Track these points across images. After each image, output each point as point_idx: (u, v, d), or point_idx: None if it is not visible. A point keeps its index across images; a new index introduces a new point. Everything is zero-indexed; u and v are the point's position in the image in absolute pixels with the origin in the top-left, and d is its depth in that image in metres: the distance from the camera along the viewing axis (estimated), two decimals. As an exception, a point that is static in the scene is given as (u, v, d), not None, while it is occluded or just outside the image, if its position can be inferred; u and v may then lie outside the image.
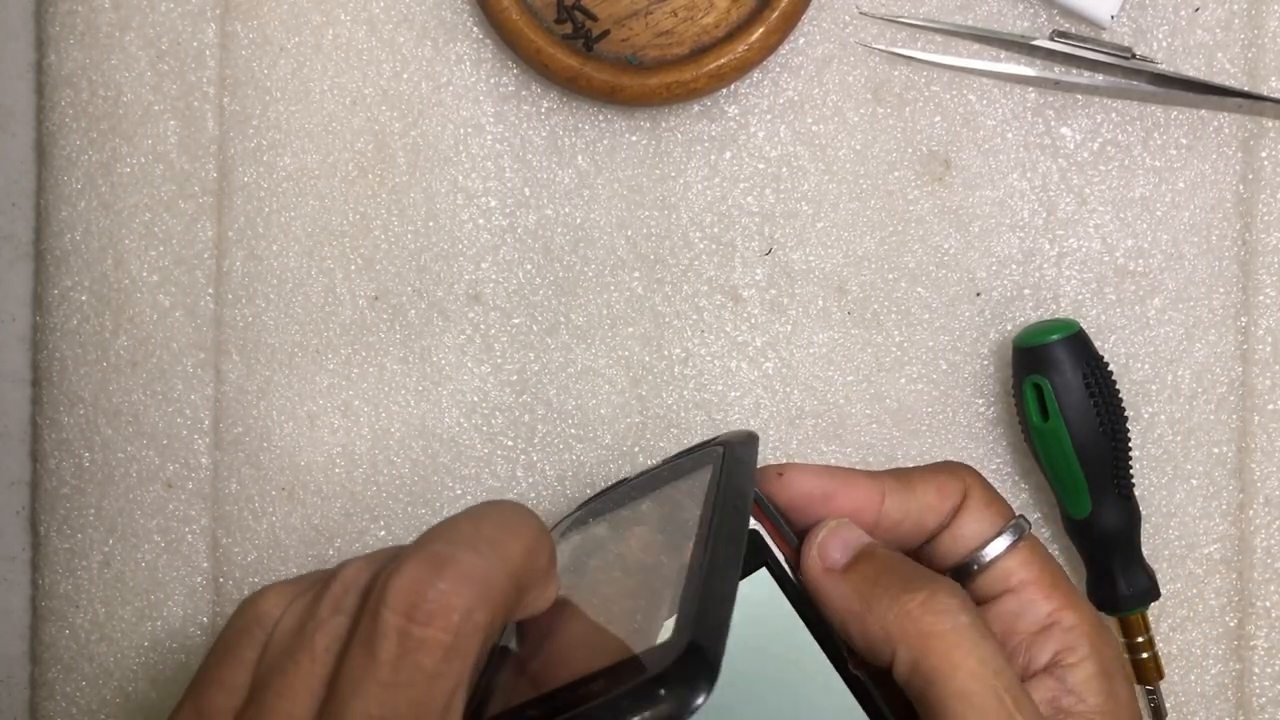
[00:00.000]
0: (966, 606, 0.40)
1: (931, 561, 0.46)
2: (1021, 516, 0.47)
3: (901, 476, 0.46)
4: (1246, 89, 0.57)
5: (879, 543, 0.44)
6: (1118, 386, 0.55)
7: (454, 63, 0.58)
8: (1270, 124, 0.57)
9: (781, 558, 0.44)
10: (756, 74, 0.57)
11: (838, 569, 0.42)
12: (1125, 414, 0.55)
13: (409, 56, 0.58)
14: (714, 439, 0.47)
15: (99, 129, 0.58)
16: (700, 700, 0.33)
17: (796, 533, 0.45)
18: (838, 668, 0.43)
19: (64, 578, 0.59)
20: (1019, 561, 0.45)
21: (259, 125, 0.58)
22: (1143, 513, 0.56)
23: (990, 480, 0.58)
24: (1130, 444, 0.55)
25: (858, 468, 0.47)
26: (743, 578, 0.43)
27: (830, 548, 0.43)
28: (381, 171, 0.58)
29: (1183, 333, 0.58)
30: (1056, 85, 0.57)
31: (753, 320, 0.58)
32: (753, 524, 0.44)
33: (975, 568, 0.46)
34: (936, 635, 0.39)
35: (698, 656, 0.34)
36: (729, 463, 0.44)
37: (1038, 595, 0.45)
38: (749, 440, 0.46)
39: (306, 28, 0.58)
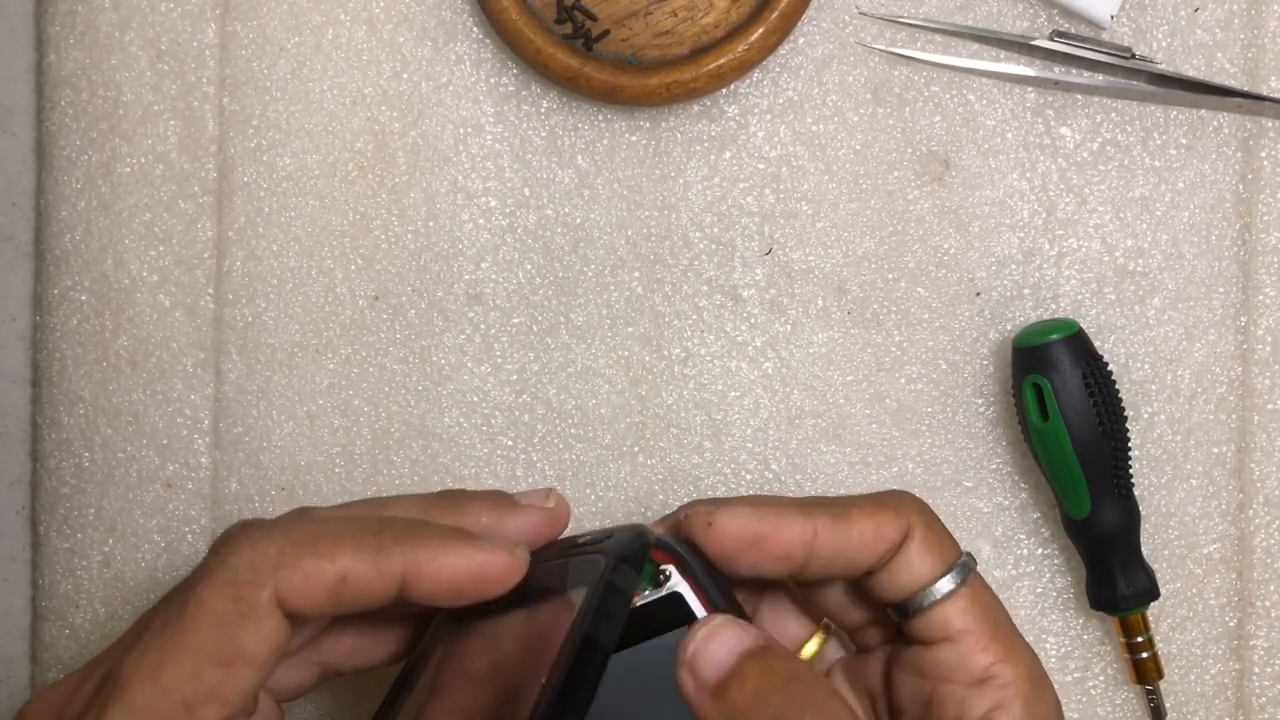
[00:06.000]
0: None
1: (873, 595, 0.45)
2: (968, 556, 0.45)
3: (838, 511, 0.44)
4: (1246, 89, 0.57)
5: (756, 646, 0.39)
6: (1117, 386, 0.55)
7: (454, 63, 0.58)
8: (1270, 124, 0.57)
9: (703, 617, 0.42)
10: (756, 74, 0.57)
11: (708, 689, 0.39)
12: (1125, 414, 0.55)
13: (409, 56, 0.58)
14: (604, 539, 0.43)
15: (99, 129, 0.58)
16: None
17: (725, 581, 0.43)
18: None
19: (64, 578, 0.59)
20: (958, 610, 0.43)
21: (259, 125, 0.58)
22: (1143, 513, 0.56)
23: (990, 480, 0.58)
24: (1130, 444, 0.55)
25: (792, 496, 0.46)
26: (663, 633, 0.42)
27: (702, 664, 0.39)
28: (381, 171, 0.58)
29: (1183, 333, 0.58)
30: (1056, 85, 0.57)
31: (753, 320, 0.58)
32: (675, 582, 0.42)
33: (915, 610, 0.44)
34: None
35: None
36: (599, 603, 0.39)
37: (975, 647, 0.43)
38: (633, 559, 0.41)
39: (306, 28, 0.58)
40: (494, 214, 0.58)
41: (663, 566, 0.42)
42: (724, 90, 0.57)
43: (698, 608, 0.42)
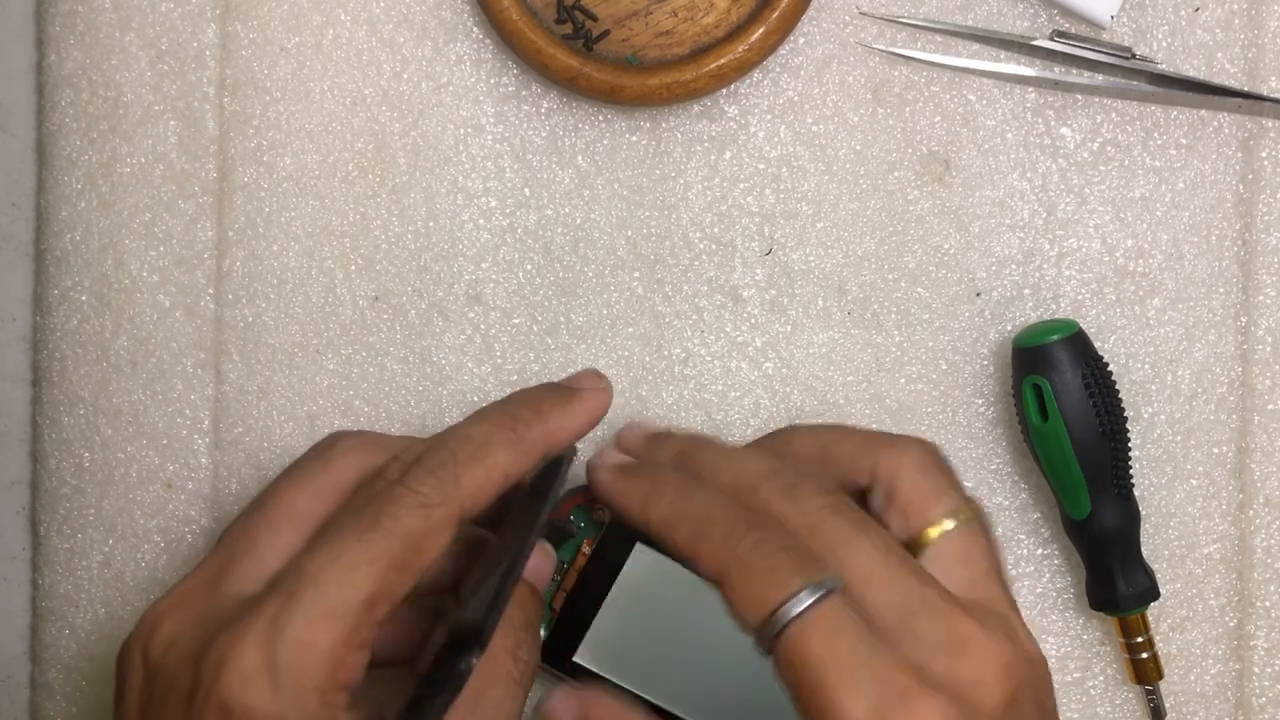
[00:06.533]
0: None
1: None
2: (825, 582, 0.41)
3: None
4: (1246, 89, 0.57)
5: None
6: (1117, 386, 0.55)
7: (454, 63, 0.58)
8: (1270, 124, 0.57)
9: None
10: (756, 74, 0.57)
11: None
12: (1125, 414, 0.55)
13: (409, 56, 0.58)
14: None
15: (99, 129, 0.58)
16: None
17: None
18: None
19: (64, 578, 0.59)
20: (784, 662, 0.40)
21: (259, 125, 0.58)
22: (1143, 513, 0.56)
23: (990, 480, 0.58)
24: (1130, 444, 0.55)
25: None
26: (625, 560, 0.52)
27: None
28: (381, 171, 0.58)
29: (1183, 333, 0.58)
30: (1056, 85, 0.57)
31: (753, 320, 0.58)
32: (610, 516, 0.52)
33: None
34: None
35: None
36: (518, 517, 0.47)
37: (802, 701, 0.40)
38: (559, 458, 0.48)
39: (306, 28, 0.58)
40: (494, 214, 0.58)
41: (596, 509, 0.51)
42: (724, 90, 0.57)
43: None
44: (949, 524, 0.45)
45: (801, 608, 0.40)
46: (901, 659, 0.40)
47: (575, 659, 0.52)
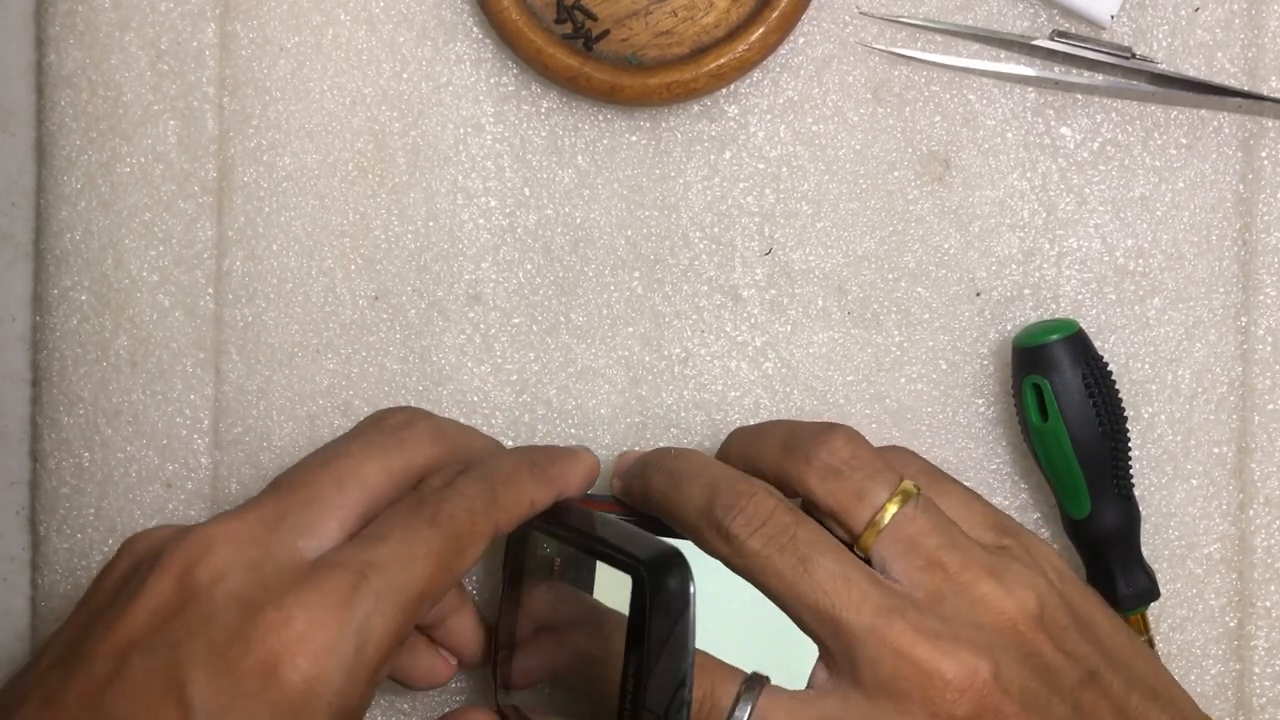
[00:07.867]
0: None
1: None
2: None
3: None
4: (1246, 89, 0.57)
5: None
6: (1117, 386, 0.55)
7: (454, 63, 0.58)
8: (1270, 124, 0.57)
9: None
10: (756, 74, 0.57)
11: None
12: (1125, 414, 0.55)
13: (409, 56, 0.58)
14: (623, 549, 0.48)
15: (99, 129, 0.58)
16: None
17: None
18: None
19: (64, 578, 0.59)
20: None
21: (259, 125, 0.58)
22: (1143, 513, 0.56)
23: (990, 480, 0.58)
24: (1130, 444, 0.55)
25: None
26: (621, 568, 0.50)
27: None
28: (381, 171, 0.58)
29: (1183, 333, 0.58)
30: (1056, 85, 0.57)
31: (753, 320, 0.58)
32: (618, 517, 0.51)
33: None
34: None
35: None
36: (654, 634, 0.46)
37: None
38: (679, 585, 0.46)
39: (306, 28, 0.58)
40: (494, 214, 0.58)
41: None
42: (724, 90, 0.57)
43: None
44: (883, 521, 0.46)
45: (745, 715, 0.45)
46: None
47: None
